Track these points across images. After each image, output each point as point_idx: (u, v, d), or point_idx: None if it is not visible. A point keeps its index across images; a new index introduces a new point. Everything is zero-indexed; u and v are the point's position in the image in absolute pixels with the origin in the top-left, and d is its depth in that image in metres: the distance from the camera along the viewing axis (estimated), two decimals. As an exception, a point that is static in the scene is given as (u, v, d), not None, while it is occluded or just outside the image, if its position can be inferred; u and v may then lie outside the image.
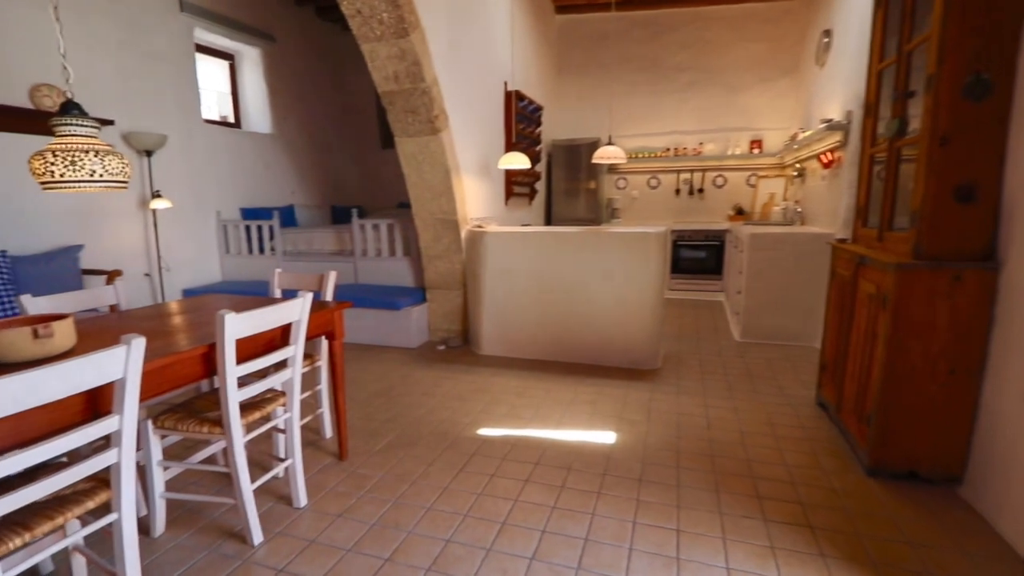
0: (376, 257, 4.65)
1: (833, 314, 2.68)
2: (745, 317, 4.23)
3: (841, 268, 2.59)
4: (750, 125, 6.12)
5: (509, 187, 4.89)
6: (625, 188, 6.69)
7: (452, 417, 2.81)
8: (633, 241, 3.47)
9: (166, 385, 1.48)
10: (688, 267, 5.99)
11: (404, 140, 3.72)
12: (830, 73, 4.51)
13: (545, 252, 3.69)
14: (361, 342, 4.34)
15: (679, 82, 6.27)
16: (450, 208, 3.95)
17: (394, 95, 3.46)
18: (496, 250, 3.82)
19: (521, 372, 3.53)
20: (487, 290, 3.90)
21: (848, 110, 3.78)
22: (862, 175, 2.59)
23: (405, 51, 3.21)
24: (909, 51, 2.14)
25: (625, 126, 6.51)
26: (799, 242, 4.01)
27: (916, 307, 1.97)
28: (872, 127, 2.50)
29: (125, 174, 1.55)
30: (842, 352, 2.50)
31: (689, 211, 6.47)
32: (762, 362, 3.68)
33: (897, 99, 2.20)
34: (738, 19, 5.97)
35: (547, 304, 3.74)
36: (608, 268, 3.54)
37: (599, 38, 6.42)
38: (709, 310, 5.44)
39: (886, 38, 2.41)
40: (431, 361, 3.83)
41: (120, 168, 1.53)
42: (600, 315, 3.61)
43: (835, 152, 3.98)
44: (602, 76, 6.48)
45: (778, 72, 5.93)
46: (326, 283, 2.40)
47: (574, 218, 6.38)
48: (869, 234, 2.46)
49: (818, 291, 3.98)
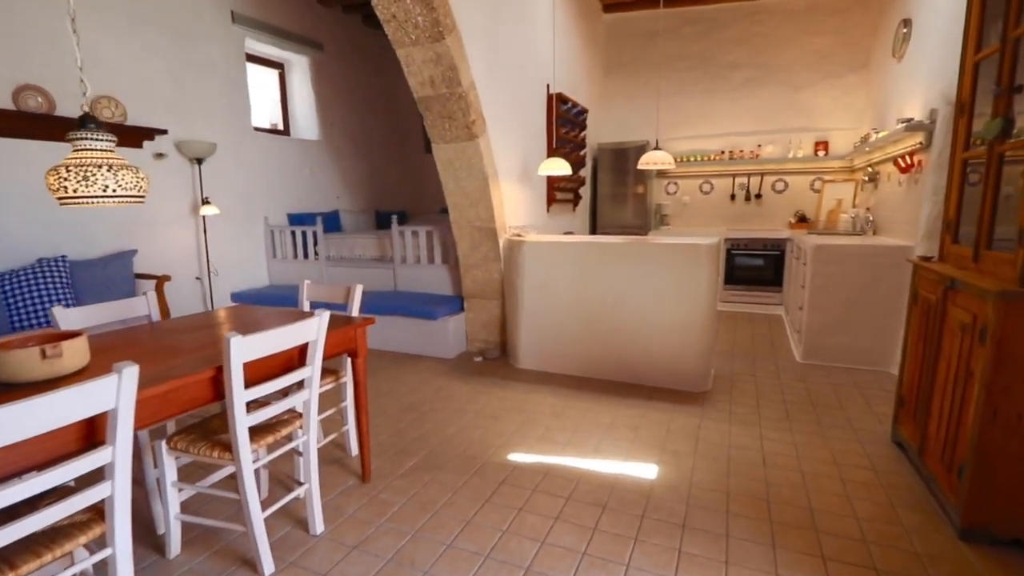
0: (415, 264, 4.59)
1: (915, 342, 2.34)
2: (807, 336, 3.87)
3: (925, 291, 2.26)
4: (814, 125, 5.66)
5: (551, 193, 4.72)
6: (676, 193, 6.36)
7: (484, 438, 2.66)
8: (682, 253, 3.22)
9: (172, 410, 1.42)
10: (744, 277, 5.61)
11: (441, 146, 3.62)
12: (909, 68, 4.07)
13: (586, 263, 3.50)
14: (398, 350, 4.29)
15: (733, 80, 5.89)
16: (487, 216, 3.82)
17: (430, 100, 3.37)
18: (534, 260, 3.66)
19: (559, 389, 3.35)
20: (525, 302, 3.75)
21: (932, 108, 3.37)
22: (952, 183, 2.25)
23: (441, 55, 3.11)
24: (1016, 38, 1.81)
25: (676, 128, 6.19)
26: (871, 255, 3.62)
27: (1021, 342, 1.65)
28: (966, 128, 2.17)
29: (140, 188, 1.49)
30: (926, 387, 2.17)
31: (745, 218, 6.07)
32: (827, 388, 3.33)
33: (1000, 95, 1.87)
34: (800, 12, 5.54)
35: (588, 318, 3.55)
36: (654, 281, 3.30)
37: (648, 36, 6.14)
38: (767, 325, 5.05)
39: (984, 24, 2.08)
40: (467, 374, 3.71)
41: (134, 183, 1.48)
42: (645, 331, 3.38)
43: (915, 155, 3.57)
44: (651, 76, 6.19)
45: (846, 68, 5.46)
46: (352, 297, 2.32)
47: (621, 225, 6.12)
48: (961, 252, 2.12)
49: (893, 310, 3.59)
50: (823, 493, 2.11)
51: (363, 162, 6.55)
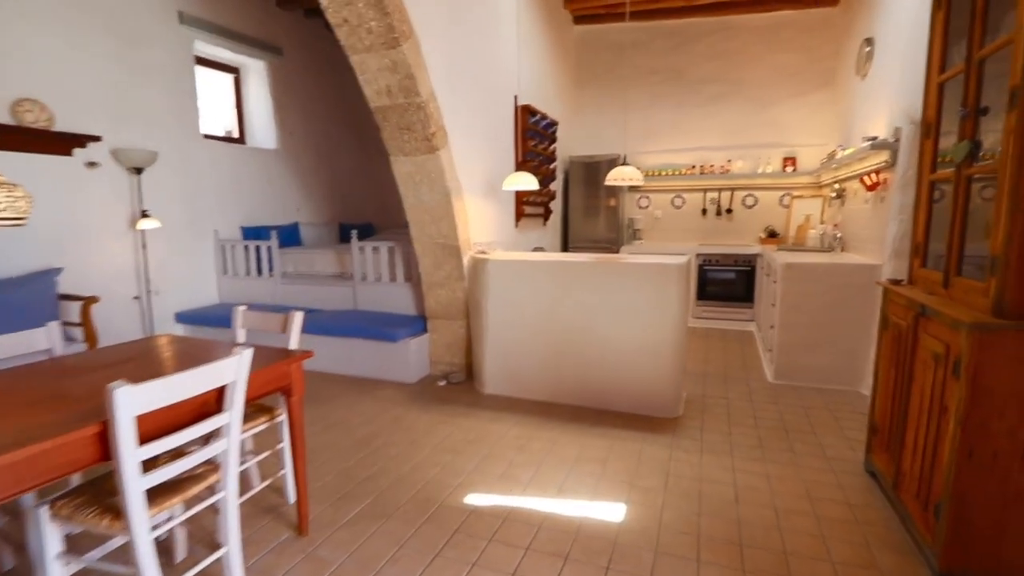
0: (376, 282, 4.38)
1: (886, 368, 2.26)
2: (779, 355, 3.79)
3: (896, 316, 2.17)
4: (783, 141, 5.68)
5: (520, 208, 4.59)
6: (648, 207, 6.30)
7: (440, 477, 2.47)
8: (651, 273, 3.10)
9: (38, 478, 1.20)
10: (715, 293, 5.55)
11: (400, 159, 3.45)
12: (872, 86, 4.08)
13: (553, 282, 3.36)
14: (356, 374, 4.06)
15: (704, 95, 5.88)
16: (450, 232, 3.66)
17: (387, 111, 3.20)
18: (499, 279, 3.50)
19: (524, 417, 3.18)
20: (490, 323, 3.58)
21: (896, 127, 3.35)
22: (920, 206, 2.18)
23: (397, 63, 2.95)
24: (982, 59, 1.75)
25: (648, 141, 6.15)
26: (840, 274, 3.57)
27: (999, 377, 1.56)
28: (932, 149, 2.10)
29: (17, 209, 1.28)
30: (899, 417, 2.08)
31: (716, 232, 6.04)
32: (799, 411, 3.24)
33: (966, 117, 1.80)
34: (769, 29, 5.57)
35: (555, 341, 3.40)
36: (623, 303, 3.18)
37: (620, 49, 6.11)
38: (738, 342, 4.99)
39: (948, 45, 2.02)
40: (428, 401, 3.51)
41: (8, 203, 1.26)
42: (614, 355, 3.24)
43: (881, 173, 3.55)
44: (623, 89, 6.15)
45: (813, 85, 5.50)
46: (291, 326, 2.12)
47: (592, 239, 6.02)
48: (930, 277, 2.04)
49: (862, 329, 3.54)
50: (798, 533, 1.99)
51: (326, 172, 6.31)
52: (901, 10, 3.49)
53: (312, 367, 4.16)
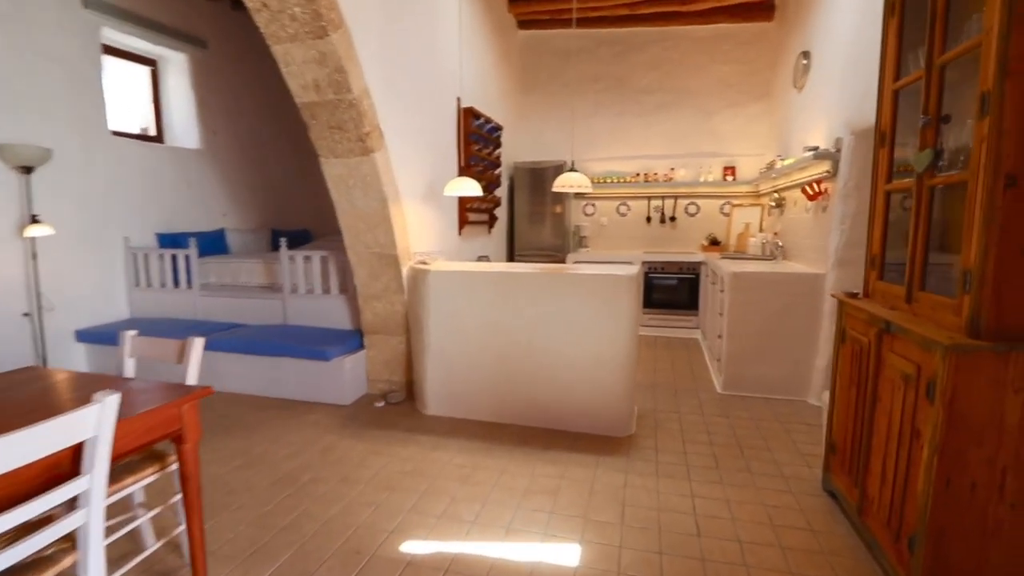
0: (308, 294, 4.00)
1: (845, 386, 2.18)
2: (727, 366, 3.75)
3: (855, 331, 2.10)
4: (723, 151, 5.76)
5: (463, 215, 4.34)
6: (593, 215, 6.23)
7: (373, 520, 2.17)
8: (601, 285, 2.94)
9: None
10: (661, 301, 5.52)
11: (331, 161, 3.12)
12: (810, 97, 4.15)
13: (498, 295, 3.13)
14: (286, 396, 3.66)
15: (648, 104, 5.89)
16: (388, 241, 3.36)
17: (316, 107, 2.88)
18: (440, 291, 3.23)
19: (469, 443, 2.93)
20: (431, 339, 3.30)
21: (837, 137, 3.38)
22: (875, 217, 2.13)
23: (326, 55, 2.64)
24: (943, 64, 1.69)
25: (592, 149, 6.07)
26: (787, 283, 3.56)
27: (976, 402, 1.47)
28: (888, 158, 2.05)
29: None
30: (862, 439, 1.99)
31: (661, 240, 6.04)
32: (750, 425, 3.17)
33: (927, 125, 1.74)
34: (708, 40, 5.65)
35: (501, 357, 3.17)
36: (572, 316, 3.00)
37: (564, 56, 6.01)
38: (685, 350, 4.96)
39: (903, 51, 1.97)
40: (363, 425, 3.18)
41: None
42: (564, 371, 3.05)
43: (822, 183, 3.58)
44: (567, 96, 6.05)
45: (750, 96, 5.62)
46: (188, 356, 1.76)
47: (539, 247, 5.86)
48: (890, 291, 1.98)
49: (808, 339, 3.54)
50: (765, 570, 1.85)
51: (256, 175, 5.80)
52: (839, 24, 3.55)
53: (237, 389, 3.73)
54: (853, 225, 3.27)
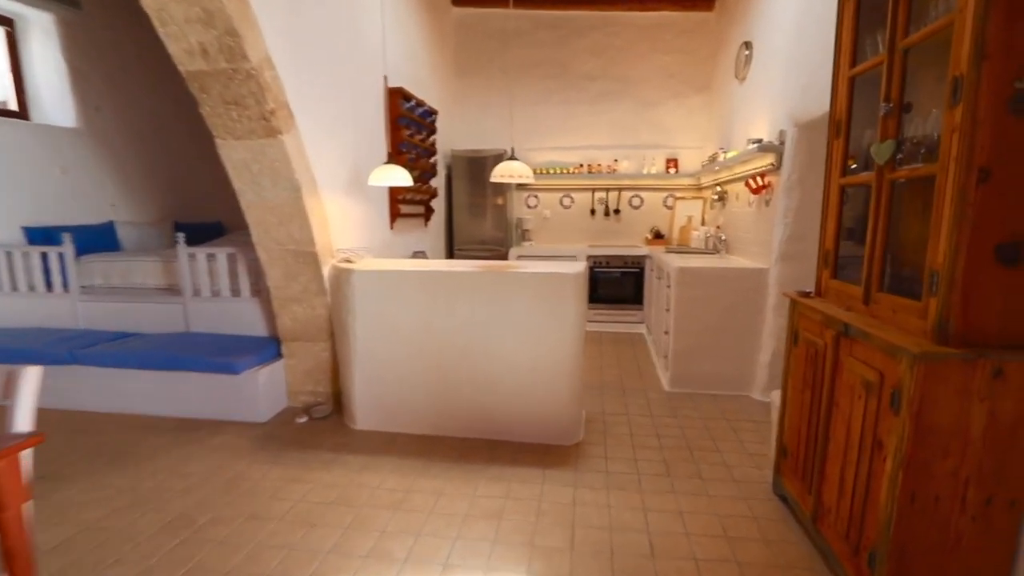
0: (215, 297, 3.53)
1: (798, 388, 2.08)
2: (674, 363, 3.65)
3: (810, 332, 1.99)
4: (666, 143, 5.70)
5: (395, 207, 3.99)
6: (536, 207, 6.02)
7: (285, 568, 1.85)
8: (546, 284, 2.72)
9: None
10: (606, 296, 5.41)
11: (229, 143, 2.71)
12: (752, 89, 4.11)
13: (433, 295, 2.84)
14: (190, 416, 3.21)
15: (591, 92, 5.72)
16: (304, 237, 2.98)
17: (206, 78, 2.46)
18: (366, 293, 2.90)
19: (403, 461, 2.64)
20: (358, 346, 2.97)
21: (780, 129, 3.33)
22: (828, 211, 2.02)
23: (213, 14, 2.22)
24: (907, 48, 1.56)
25: (534, 138, 5.85)
26: (732, 278, 3.50)
27: (943, 413, 1.36)
28: (843, 150, 1.94)
29: None
30: (817, 446, 1.89)
31: (605, 233, 5.92)
32: (698, 424, 3.08)
33: (889, 113, 1.62)
34: (650, 28, 5.54)
35: (438, 363, 2.89)
36: (514, 317, 2.77)
37: (503, 37, 5.73)
38: (631, 345, 4.87)
39: (860, 35, 1.86)
40: (281, 446, 2.82)
41: None
42: (506, 377, 2.82)
43: (766, 176, 3.53)
44: (508, 81, 5.78)
45: (691, 88, 5.57)
46: (15, 390, 1.37)
47: (479, 241, 5.59)
48: (845, 290, 1.88)
49: (751, 333, 3.50)
50: (723, 596, 1.71)
51: (154, 158, 5.12)
52: (781, 13, 3.48)
53: (129, 410, 3.23)
54: (797, 219, 3.23)
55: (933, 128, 1.50)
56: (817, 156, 3.17)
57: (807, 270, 3.30)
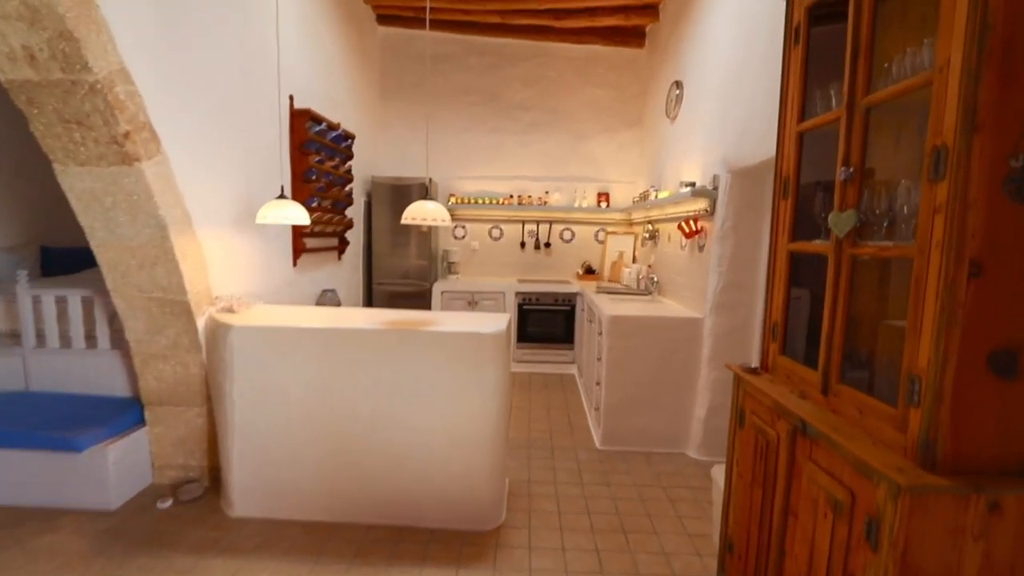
0: (65, 349, 2.87)
1: (745, 481, 1.82)
2: (606, 418, 3.38)
3: (757, 416, 1.74)
4: (597, 176, 5.56)
5: (298, 242, 3.49)
6: (464, 238, 5.67)
7: None
8: (462, 344, 2.35)
9: None
10: (536, 335, 5.11)
11: (71, 169, 2.15)
12: (683, 129, 4.01)
13: (329, 357, 2.39)
14: (16, 504, 2.52)
15: (522, 122, 5.50)
16: (173, 283, 2.44)
17: (34, 90, 1.91)
18: (248, 353, 2.40)
19: (287, 563, 2.14)
20: (236, 415, 2.45)
21: (714, 174, 3.19)
22: (776, 279, 1.80)
23: (37, 10, 1.71)
24: (870, 106, 1.36)
25: (463, 166, 5.53)
26: (666, 328, 3.29)
27: (930, 553, 1.11)
28: (791, 211, 1.73)
29: None
30: (770, 556, 1.62)
31: (536, 267, 5.66)
32: (633, 494, 2.79)
33: (849, 180, 1.41)
34: (581, 61, 5.42)
35: (335, 436, 2.42)
36: (426, 384, 2.37)
37: (432, 61, 5.40)
38: (561, 389, 4.58)
39: (808, 86, 1.67)
40: (133, 544, 2.23)
41: None
42: (417, 452, 2.40)
43: (699, 221, 3.38)
44: (436, 107, 5.45)
45: (621, 122, 5.49)
46: None
47: (401, 275, 5.14)
48: (797, 372, 1.64)
49: (687, 387, 3.31)
50: None
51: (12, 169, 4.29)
52: (712, 58, 3.39)
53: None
54: (731, 267, 3.08)
55: (903, 201, 1.29)
56: (752, 204, 3.05)
57: (743, 320, 3.16)
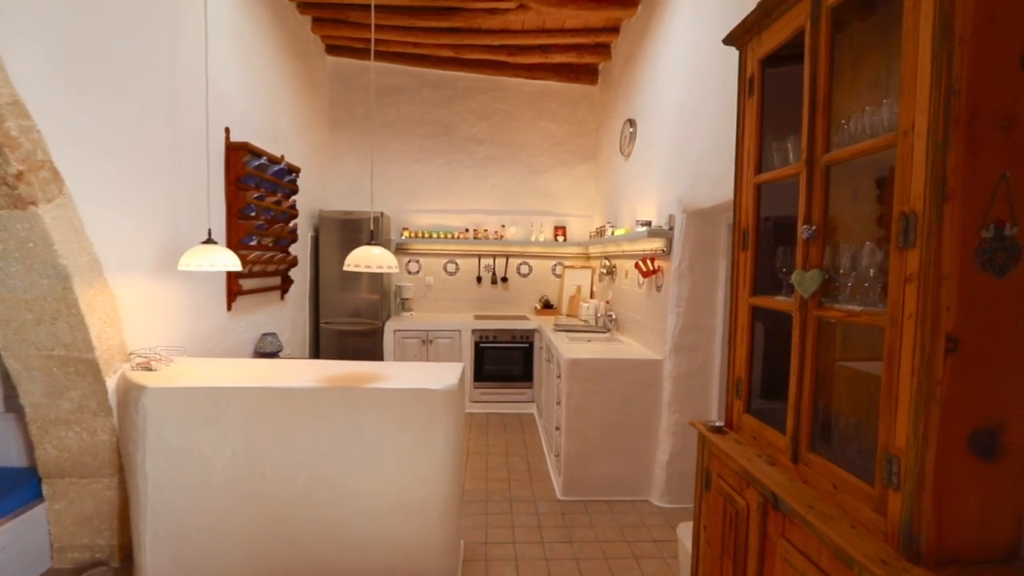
0: (-55, 414, 2.49)
1: (714, 548, 1.70)
2: (567, 466, 3.22)
3: (725, 481, 1.64)
4: (553, 209, 5.53)
5: (233, 285, 3.22)
6: (418, 273, 5.48)
7: None
8: (409, 402, 2.16)
9: None
10: (493, 374, 4.94)
11: (-51, 217, 1.87)
12: (638, 166, 4.02)
13: (261, 421, 2.15)
14: None
15: (477, 155, 5.43)
16: (77, 339, 2.15)
17: None
18: (164, 418, 2.13)
19: (199, 668, 1.85)
20: (150, 490, 2.15)
21: (670, 214, 3.17)
22: (739, 333, 1.72)
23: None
24: (831, 163, 1.31)
25: (415, 199, 5.38)
26: (625, 370, 3.20)
27: (922, 655, 1.01)
28: (752, 265, 1.66)
29: None
30: (745, 639, 1.49)
31: (493, 302, 5.52)
32: (596, 551, 2.63)
33: (812, 239, 1.35)
34: (536, 95, 5.44)
35: (266, 511, 2.16)
36: (369, 447, 2.15)
37: (384, 93, 5.28)
38: (520, 431, 4.40)
39: (764, 138, 1.63)
40: (7, 658, 1.88)
41: None
42: (358, 524, 2.17)
43: (656, 260, 3.35)
44: (386, 138, 5.31)
45: (577, 157, 5.51)
46: None
47: (352, 313, 4.88)
48: (764, 434, 1.55)
49: (647, 430, 3.22)
50: None
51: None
52: (664, 98, 3.41)
53: None
54: (689, 308, 3.04)
55: (867, 262, 1.23)
56: (709, 245, 3.04)
57: (702, 362, 3.10)
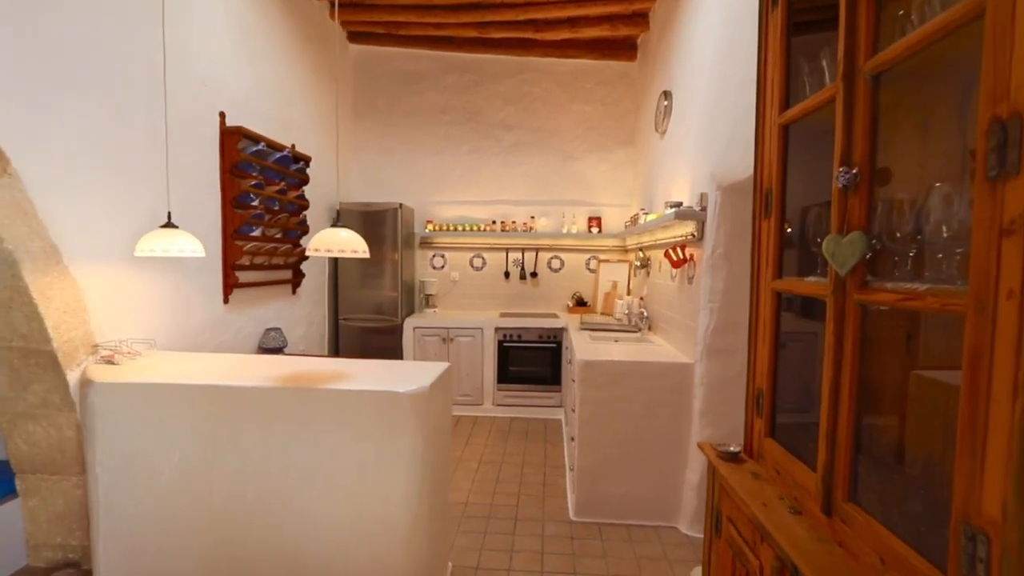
0: (-61, 403, 2.46)
1: (724, 616, 1.28)
2: (580, 483, 2.83)
3: (737, 528, 1.21)
4: (587, 199, 5.11)
5: (229, 276, 3.07)
6: (443, 268, 5.23)
7: None
8: (372, 406, 1.87)
9: None
10: (518, 375, 4.60)
11: None
12: (673, 143, 3.55)
13: (211, 422, 1.93)
14: None
15: (505, 142, 5.11)
16: (34, 330, 2.03)
17: None
18: (112, 416, 1.96)
19: None
20: (100, 492, 1.99)
21: (701, 192, 2.71)
22: (760, 332, 1.29)
23: None
24: (877, 72, 0.88)
25: (440, 190, 5.14)
26: (649, 375, 2.76)
27: None
28: (776, 236, 1.23)
29: None
30: None
31: (521, 299, 5.18)
32: (603, 589, 2.24)
33: (851, 186, 0.92)
34: (568, 76, 5.04)
35: (216, 521, 1.94)
36: (329, 456, 1.88)
37: (407, 80, 5.08)
38: (543, 440, 4.04)
39: (793, 62, 1.19)
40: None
41: None
42: (315, 548, 1.90)
43: (687, 248, 2.88)
44: (411, 127, 5.10)
45: (614, 141, 5.06)
46: None
47: (373, 309, 4.71)
48: (790, 467, 1.12)
49: (676, 444, 2.76)
50: None
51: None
52: (699, 56, 2.95)
53: None
54: (724, 304, 2.56)
55: (940, 217, 0.79)
56: (747, 227, 2.53)
57: (739, 367, 2.60)
